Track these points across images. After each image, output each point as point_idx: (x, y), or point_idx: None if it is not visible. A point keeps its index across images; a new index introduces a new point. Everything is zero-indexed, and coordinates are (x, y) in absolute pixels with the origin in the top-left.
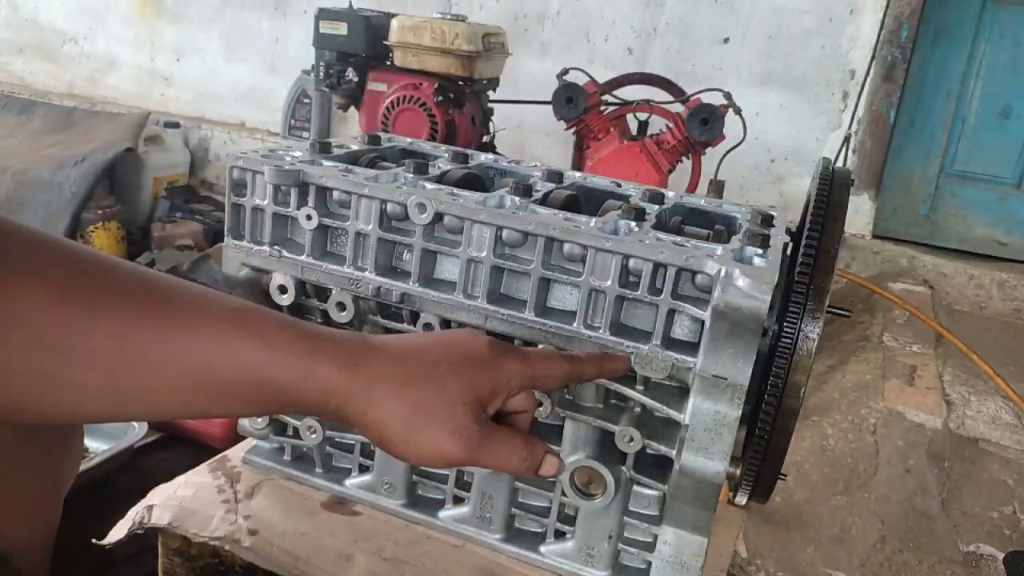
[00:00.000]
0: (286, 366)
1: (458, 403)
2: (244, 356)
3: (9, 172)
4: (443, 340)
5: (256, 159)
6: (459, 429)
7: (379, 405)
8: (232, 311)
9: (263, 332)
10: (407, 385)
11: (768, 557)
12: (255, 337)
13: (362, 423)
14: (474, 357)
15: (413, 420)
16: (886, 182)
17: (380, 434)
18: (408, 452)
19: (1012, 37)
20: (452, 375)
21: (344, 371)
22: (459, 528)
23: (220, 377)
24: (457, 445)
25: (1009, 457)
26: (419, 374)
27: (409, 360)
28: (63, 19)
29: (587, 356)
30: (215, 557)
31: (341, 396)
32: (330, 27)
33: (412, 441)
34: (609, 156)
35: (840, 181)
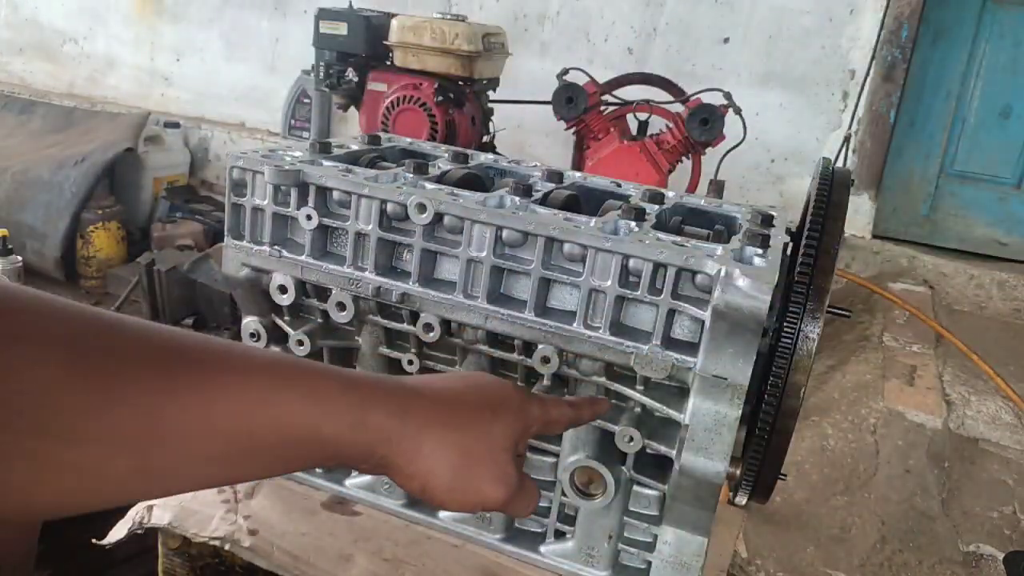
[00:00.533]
0: (336, 419)
1: (503, 449)
2: (291, 414)
3: (9, 172)
4: (476, 385)
5: (256, 159)
6: (503, 476)
7: (427, 453)
8: (270, 365)
9: (308, 385)
10: (457, 432)
11: (768, 557)
12: (300, 391)
13: (405, 472)
14: (507, 403)
15: (463, 467)
16: (886, 182)
17: (425, 483)
18: (451, 499)
19: (1012, 37)
20: (496, 421)
21: (394, 419)
22: (459, 528)
23: (265, 439)
24: (500, 491)
25: (1009, 457)
26: (466, 421)
27: (454, 406)
28: (63, 19)
29: (580, 401)
30: (215, 557)
31: (390, 445)
32: (330, 27)
33: (459, 488)
34: (609, 156)
35: (840, 181)
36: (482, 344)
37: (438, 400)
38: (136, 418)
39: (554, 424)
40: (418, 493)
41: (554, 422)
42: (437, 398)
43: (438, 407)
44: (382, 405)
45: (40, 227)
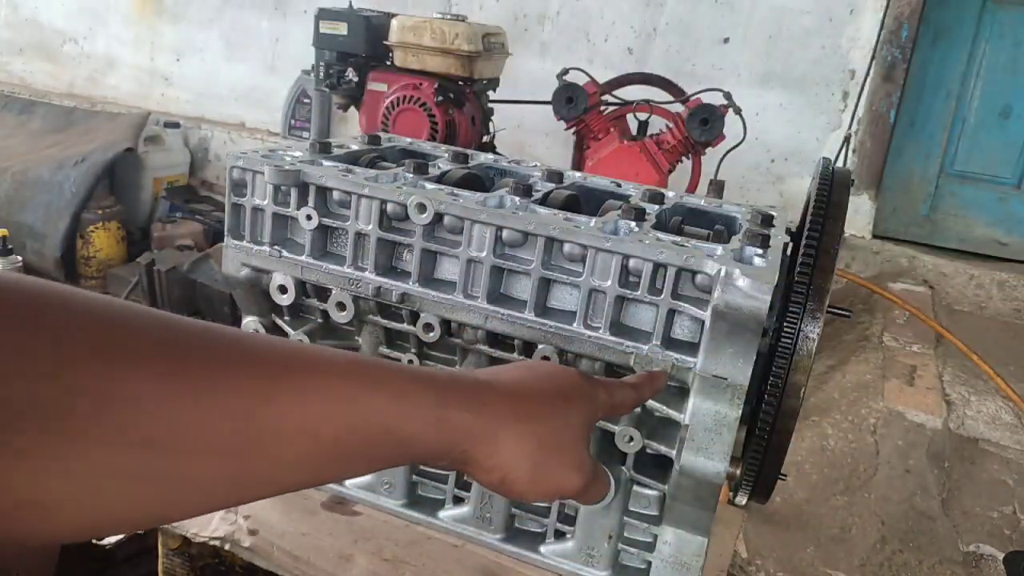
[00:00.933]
0: (421, 417)
1: (578, 438)
2: (377, 413)
3: (9, 172)
4: (546, 375)
5: (256, 159)
6: (580, 464)
7: (507, 447)
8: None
9: (391, 385)
10: (534, 423)
11: (768, 557)
12: (385, 391)
13: (486, 465)
14: (578, 391)
15: (541, 458)
16: (886, 182)
17: (505, 475)
18: (531, 490)
19: (1012, 37)
20: (570, 410)
21: (474, 415)
22: (459, 528)
23: (351, 440)
24: (578, 480)
25: (1009, 457)
26: (542, 412)
27: (529, 398)
28: (63, 19)
29: (639, 380)
30: (215, 557)
31: (471, 441)
32: (330, 27)
33: (539, 479)
34: (609, 156)
35: (840, 181)
36: (482, 344)
37: (514, 393)
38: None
39: (620, 407)
40: (497, 486)
41: (619, 405)
42: (512, 391)
43: (515, 400)
44: (462, 402)
45: (40, 227)
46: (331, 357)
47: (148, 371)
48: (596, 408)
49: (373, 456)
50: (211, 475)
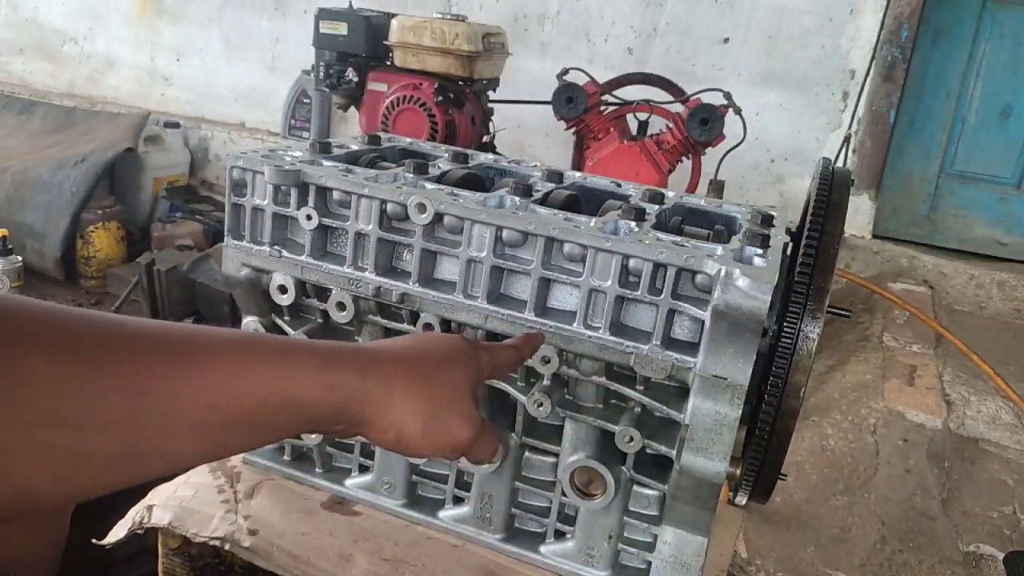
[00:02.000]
0: (311, 382)
1: (465, 393)
2: (267, 381)
3: (9, 172)
4: (431, 340)
5: (256, 159)
6: (469, 417)
7: (398, 404)
8: (240, 340)
9: (279, 354)
10: (423, 382)
11: (768, 557)
12: (276, 362)
13: (379, 425)
14: (461, 352)
15: (432, 413)
16: (886, 182)
17: (399, 432)
18: (426, 444)
19: (1012, 37)
20: (455, 369)
21: (363, 377)
22: (459, 528)
23: (242, 409)
24: (468, 431)
25: (1009, 457)
26: (429, 371)
27: (415, 360)
28: (63, 19)
29: (518, 341)
30: (215, 557)
31: (362, 402)
32: (330, 27)
33: (431, 432)
34: (609, 156)
35: (840, 181)
36: None
37: (401, 357)
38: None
39: (503, 366)
40: (392, 443)
41: (502, 364)
42: (399, 356)
43: (402, 363)
44: (350, 366)
45: (40, 227)
46: (224, 334)
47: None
48: (481, 368)
49: (269, 424)
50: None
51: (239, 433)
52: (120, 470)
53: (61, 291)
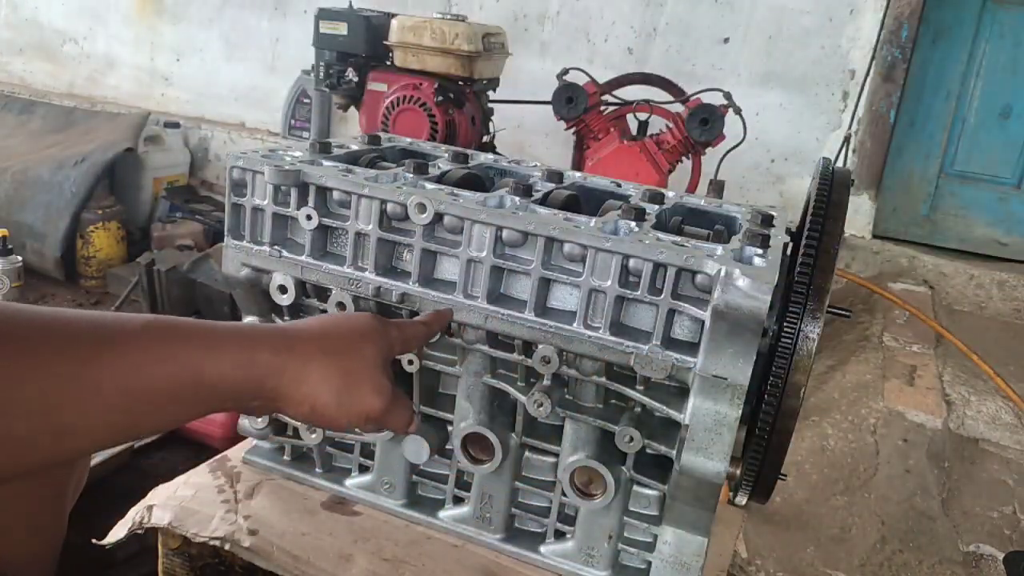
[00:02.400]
0: (225, 360)
1: (376, 367)
2: (182, 362)
3: (9, 172)
4: (342, 318)
5: (256, 159)
6: (380, 387)
7: (313, 378)
8: (157, 325)
9: (195, 336)
10: (336, 356)
11: (768, 557)
12: (188, 342)
13: (295, 398)
14: (370, 328)
15: (344, 385)
16: (886, 182)
17: (314, 404)
18: (340, 414)
19: (1012, 37)
20: (365, 343)
21: (279, 352)
22: (459, 528)
23: (160, 389)
24: (379, 401)
25: (1009, 457)
26: (342, 346)
27: (328, 336)
28: (63, 19)
29: (429, 317)
30: (215, 557)
31: (278, 376)
32: (330, 27)
33: (344, 403)
34: (609, 156)
35: (840, 181)
36: (482, 344)
37: (313, 334)
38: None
39: (412, 340)
40: (308, 415)
41: (412, 339)
42: (311, 332)
43: (313, 339)
44: (265, 344)
45: (40, 227)
46: (143, 320)
47: None
48: (391, 342)
49: (187, 402)
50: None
51: (156, 412)
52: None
53: (61, 291)
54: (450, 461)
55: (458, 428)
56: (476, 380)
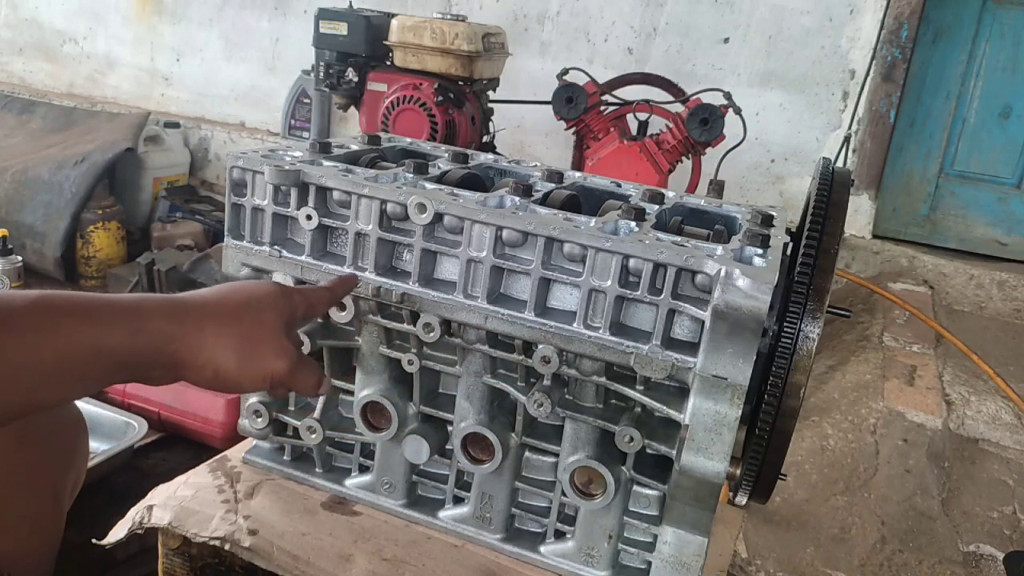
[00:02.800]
0: (121, 330)
1: (276, 329)
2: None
3: (9, 172)
4: (241, 284)
5: (256, 159)
6: (283, 350)
7: (211, 343)
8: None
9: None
10: (233, 321)
11: (768, 557)
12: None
13: (195, 364)
14: (270, 293)
15: (245, 348)
16: (886, 182)
17: (216, 369)
18: (243, 377)
19: (1012, 37)
20: (264, 308)
21: (173, 319)
22: (459, 528)
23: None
24: (283, 362)
25: (1009, 457)
26: (240, 312)
27: (225, 302)
28: (63, 19)
29: (334, 282)
30: (215, 557)
31: (175, 342)
32: (330, 27)
33: (246, 366)
34: (609, 156)
35: (840, 181)
36: (482, 344)
37: (209, 301)
38: None
39: (316, 305)
40: (210, 381)
41: (316, 304)
42: (207, 299)
43: (210, 305)
44: (159, 312)
45: (40, 227)
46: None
47: None
48: (292, 307)
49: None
50: None
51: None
52: None
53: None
54: (450, 461)
55: (458, 428)
56: (476, 380)
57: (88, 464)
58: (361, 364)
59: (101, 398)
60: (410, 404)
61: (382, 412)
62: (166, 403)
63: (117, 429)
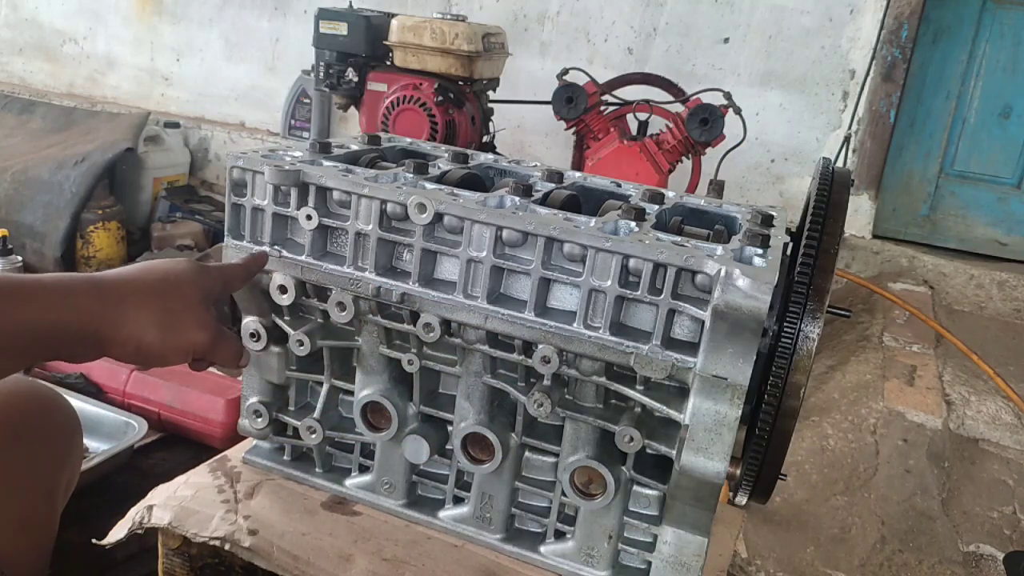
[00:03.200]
0: (37, 307)
1: (196, 303)
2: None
3: (9, 172)
4: (158, 262)
5: (256, 159)
6: (203, 321)
7: (132, 317)
8: None
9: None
10: (153, 295)
11: (768, 557)
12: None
13: (119, 339)
14: (188, 270)
15: (167, 322)
16: (886, 182)
17: (139, 343)
18: (165, 350)
19: (1012, 37)
20: (183, 283)
21: (94, 297)
22: (459, 528)
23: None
24: (204, 333)
25: (1009, 457)
26: (159, 287)
27: (144, 278)
28: (63, 19)
29: (247, 259)
30: (215, 557)
31: (97, 319)
32: (330, 27)
33: (168, 339)
34: (609, 156)
35: (840, 181)
36: (482, 344)
37: (127, 278)
38: None
39: (233, 280)
40: (134, 355)
41: (232, 278)
42: (126, 277)
43: (130, 282)
44: (77, 290)
45: (40, 227)
46: None
47: None
48: (210, 282)
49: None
50: None
51: None
52: None
53: None
54: (450, 461)
55: (458, 428)
56: (476, 380)
57: (88, 464)
58: (361, 364)
59: (101, 398)
60: (410, 404)
61: (382, 412)
62: (166, 403)
63: (117, 429)
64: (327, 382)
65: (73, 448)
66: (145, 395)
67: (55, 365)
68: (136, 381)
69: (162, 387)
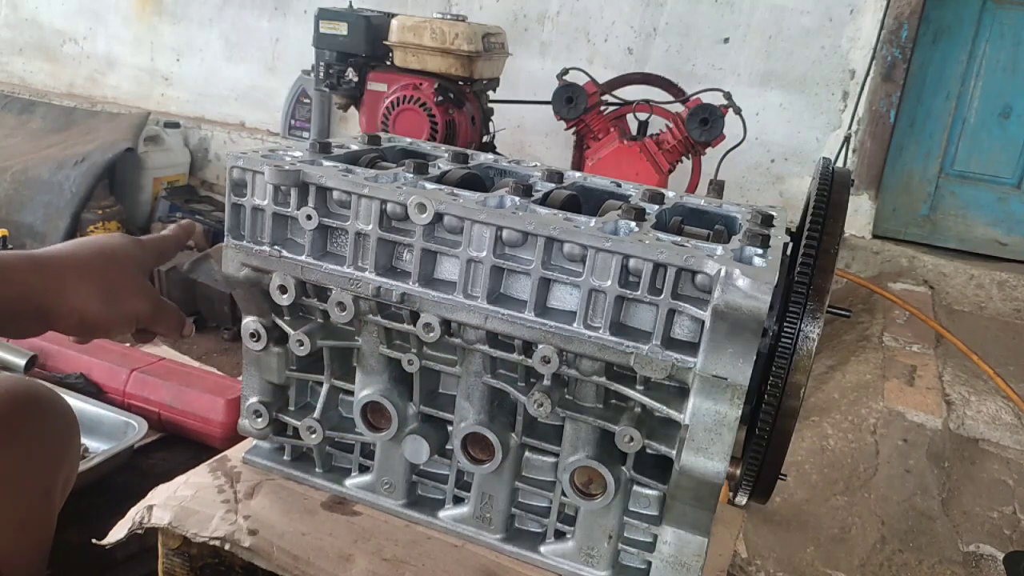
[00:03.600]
0: None
1: (134, 275)
2: None
3: (9, 172)
4: (92, 238)
5: (256, 159)
6: (144, 290)
7: (74, 290)
8: None
9: None
10: (92, 268)
11: (768, 557)
12: None
13: (61, 312)
14: (124, 244)
15: (108, 292)
16: (886, 182)
17: (82, 315)
18: (108, 320)
19: (1012, 37)
20: (119, 255)
21: (32, 271)
22: (459, 528)
23: None
24: (146, 302)
25: (1009, 457)
26: (96, 259)
27: (80, 252)
28: (63, 19)
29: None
30: (215, 557)
31: (39, 294)
32: (330, 27)
33: (111, 309)
34: (609, 156)
35: (840, 181)
36: (482, 344)
37: (65, 253)
38: None
39: (168, 249)
40: (78, 327)
41: (165, 249)
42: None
43: (68, 257)
44: (20, 266)
45: (40, 227)
46: None
47: None
48: (144, 253)
49: None
50: None
51: None
52: None
53: None
54: (450, 461)
55: (458, 428)
56: (476, 380)
57: (88, 464)
58: (361, 364)
59: (101, 398)
60: (410, 404)
61: (382, 412)
62: (166, 403)
63: (117, 429)
64: (327, 382)
65: (70, 446)
66: (145, 395)
67: (55, 365)
68: (136, 381)
69: (162, 387)
